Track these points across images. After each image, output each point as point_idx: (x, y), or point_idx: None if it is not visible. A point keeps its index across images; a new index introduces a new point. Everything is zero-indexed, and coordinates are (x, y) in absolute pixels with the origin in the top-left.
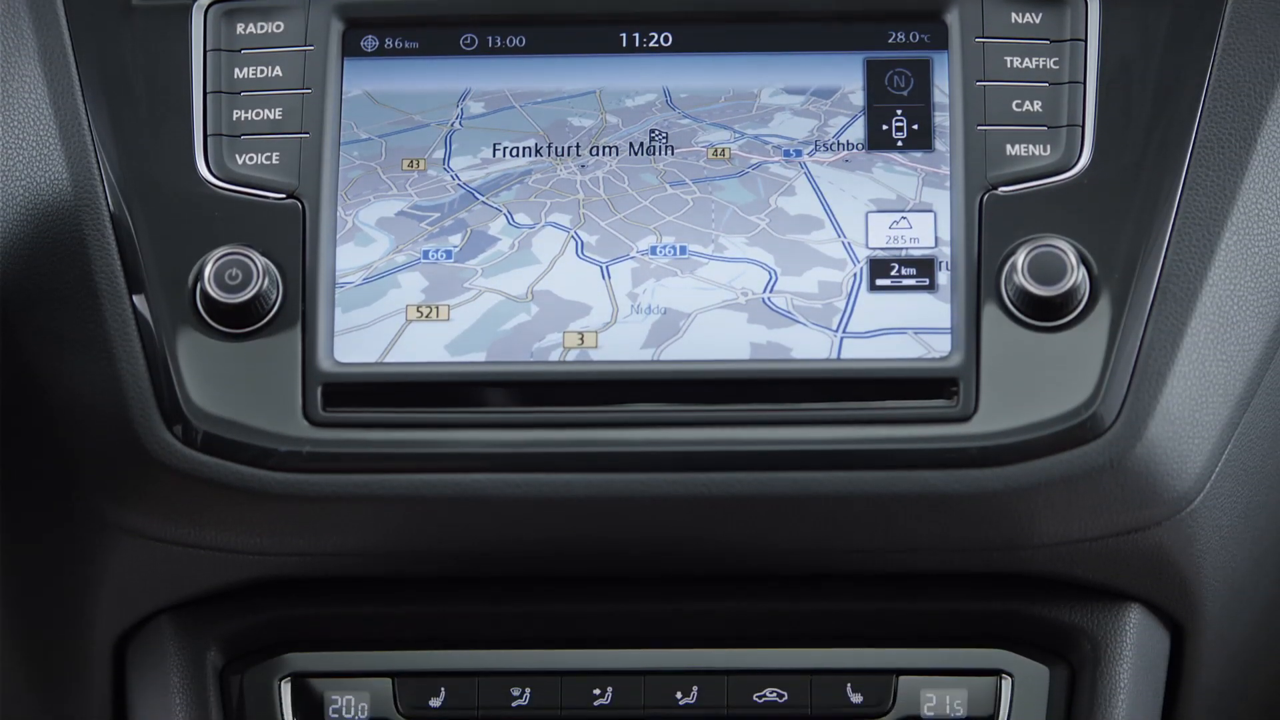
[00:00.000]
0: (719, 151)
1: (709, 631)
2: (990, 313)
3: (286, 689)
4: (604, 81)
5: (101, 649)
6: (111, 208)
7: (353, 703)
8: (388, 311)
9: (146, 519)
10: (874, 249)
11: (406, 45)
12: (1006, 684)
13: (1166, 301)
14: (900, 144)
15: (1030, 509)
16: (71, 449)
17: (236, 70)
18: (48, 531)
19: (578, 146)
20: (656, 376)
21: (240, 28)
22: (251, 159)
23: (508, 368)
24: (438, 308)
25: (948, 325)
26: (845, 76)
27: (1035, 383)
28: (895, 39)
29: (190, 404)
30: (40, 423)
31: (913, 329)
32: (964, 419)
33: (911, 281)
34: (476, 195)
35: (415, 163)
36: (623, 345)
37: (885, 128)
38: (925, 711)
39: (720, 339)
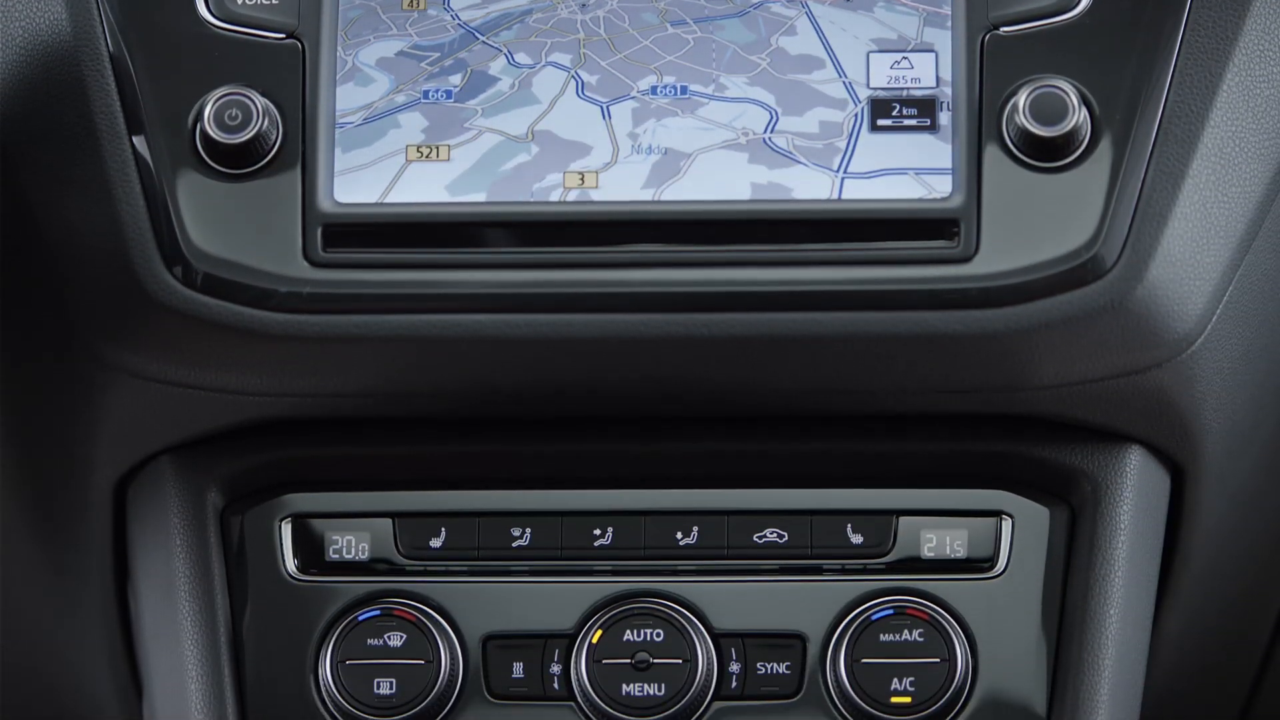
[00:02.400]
0: None
1: (709, 472)
2: (991, 153)
3: (287, 529)
4: None
5: (101, 491)
6: (110, 48)
7: (353, 543)
8: (388, 152)
9: (146, 360)
10: (875, 89)
11: None
12: (1006, 525)
13: (1168, 142)
14: None
15: (1031, 350)
16: (71, 290)
17: None
18: (47, 373)
19: None
20: (657, 217)
21: None
22: None
23: (508, 208)
24: (438, 148)
25: (949, 166)
26: None
27: (1036, 224)
28: None
29: (190, 245)
30: (40, 264)
31: (914, 169)
32: (965, 260)
33: (913, 122)
34: (476, 35)
35: (415, 2)
36: (623, 185)
37: None
38: (925, 552)
39: (721, 179)
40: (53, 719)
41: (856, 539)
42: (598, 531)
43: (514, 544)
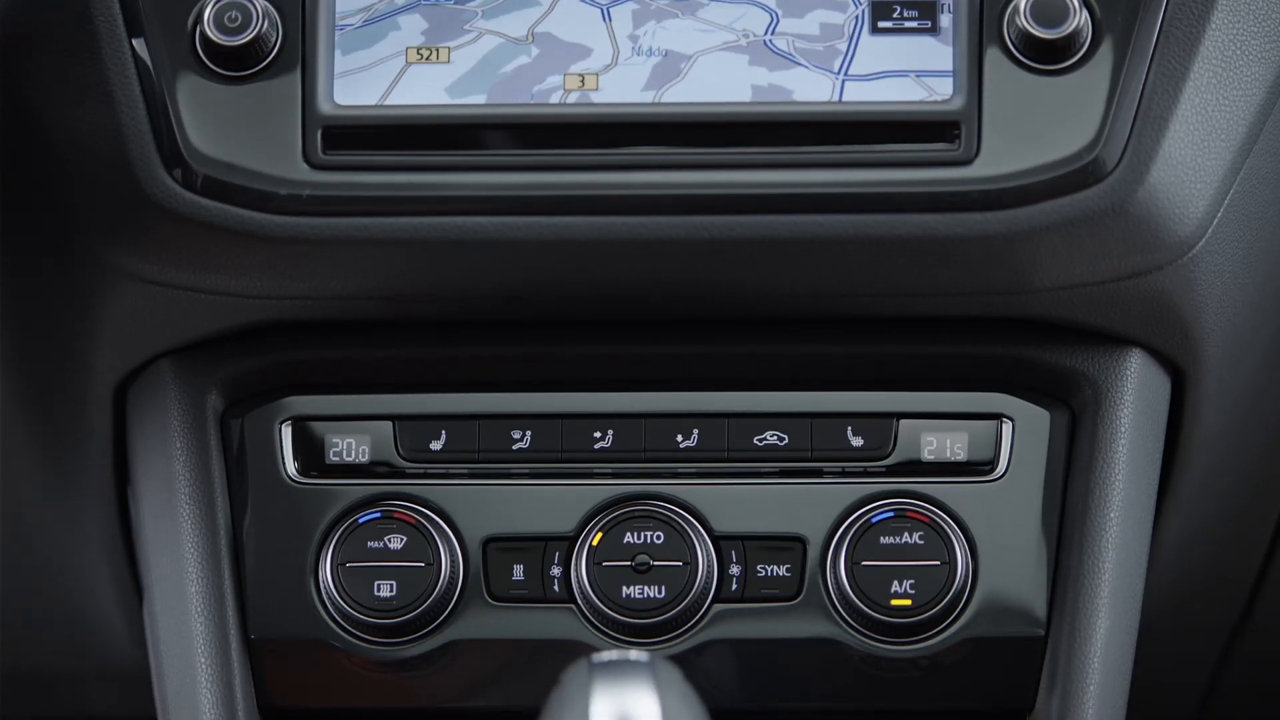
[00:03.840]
0: None
1: (710, 375)
2: (992, 56)
3: (287, 432)
4: None
5: (102, 394)
6: None
7: (353, 445)
8: (387, 54)
9: (146, 262)
10: None
11: None
12: (1007, 428)
13: (1169, 45)
14: None
15: (1031, 253)
16: (71, 193)
17: None
18: (47, 276)
19: None
20: (657, 119)
21: None
22: None
23: (508, 110)
24: (438, 50)
25: (949, 68)
26: None
27: (1037, 126)
28: None
29: (190, 147)
30: (40, 167)
31: (914, 72)
32: (965, 162)
33: (914, 24)
34: None
35: None
36: (623, 87)
37: None
38: (925, 455)
39: (721, 81)
40: (53, 622)
41: (857, 441)
42: (598, 434)
43: (514, 446)
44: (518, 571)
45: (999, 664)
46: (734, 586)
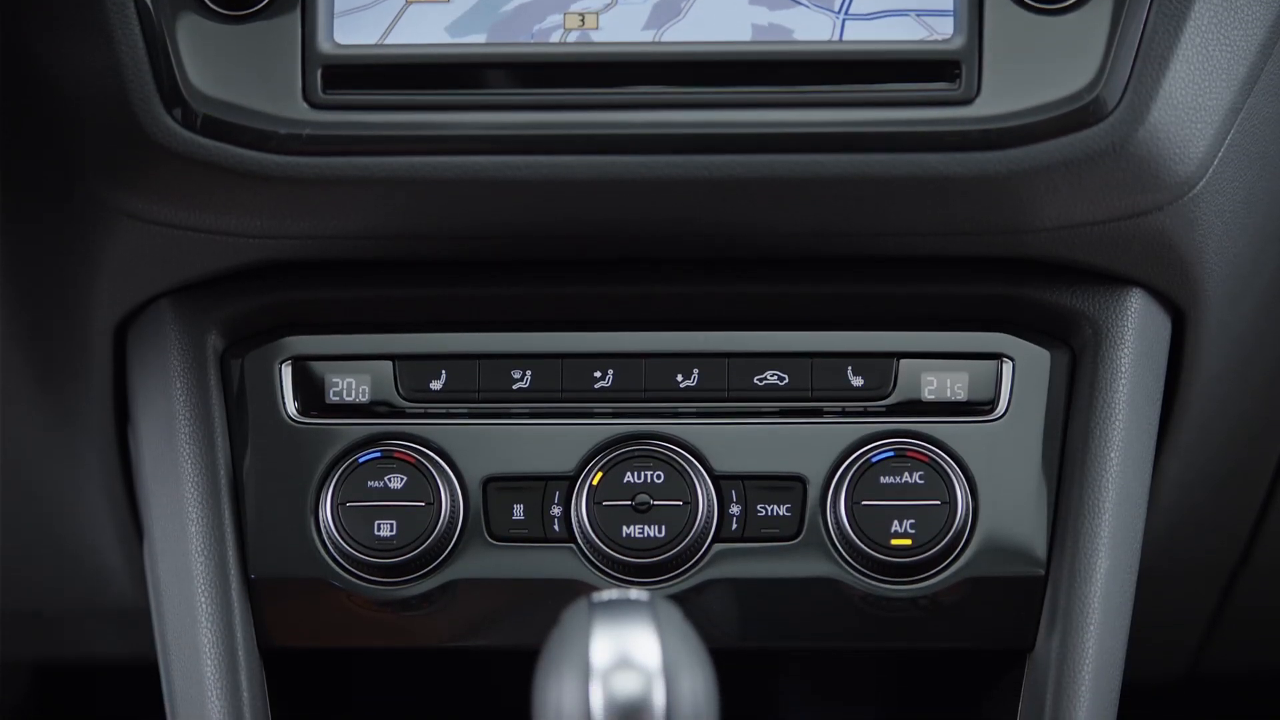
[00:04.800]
0: None
1: (710, 314)
2: None
3: (287, 371)
4: None
5: (102, 333)
6: None
7: (353, 385)
8: None
9: (146, 202)
10: None
11: None
12: (1007, 368)
13: None
14: None
15: (1032, 192)
16: (72, 133)
17: None
18: (49, 216)
19: None
20: (658, 58)
21: None
22: None
23: (508, 49)
24: None
25: (950, 8)
26: None
27: (1038, 66)
28: None
29: (190, 87)
30: (41, 107)
31: (915, 11)
32: (966, 102)
33: None
34: None
35: None
36: (624, 26)
37: None
38: (925, 395)
39: (721, 20)
40: (54, 562)
41: (857, 381)
42: (598, 373)
43: (514, 386)
44: (518, 511)
45: (999, 604)
46: (734, 526)
